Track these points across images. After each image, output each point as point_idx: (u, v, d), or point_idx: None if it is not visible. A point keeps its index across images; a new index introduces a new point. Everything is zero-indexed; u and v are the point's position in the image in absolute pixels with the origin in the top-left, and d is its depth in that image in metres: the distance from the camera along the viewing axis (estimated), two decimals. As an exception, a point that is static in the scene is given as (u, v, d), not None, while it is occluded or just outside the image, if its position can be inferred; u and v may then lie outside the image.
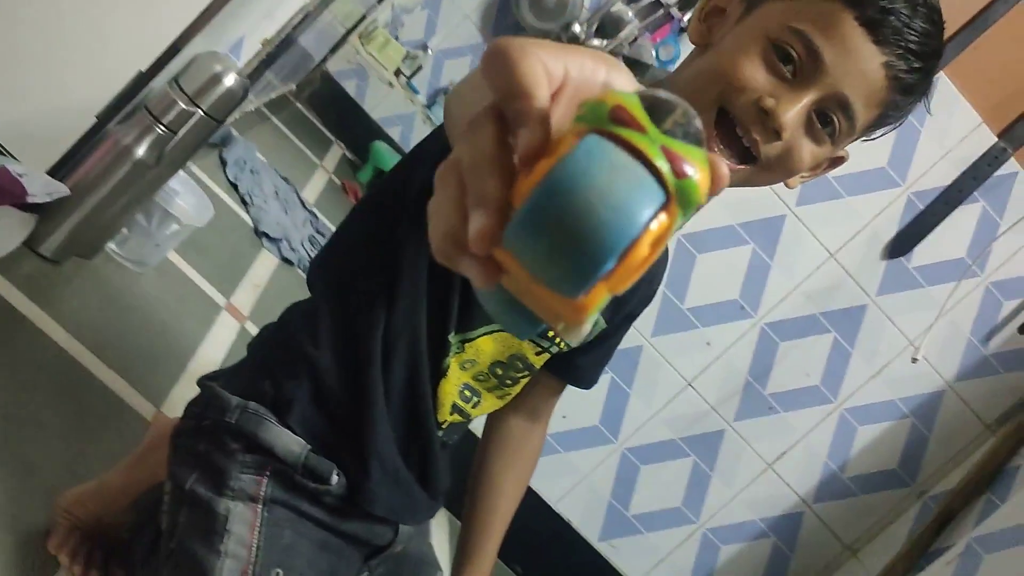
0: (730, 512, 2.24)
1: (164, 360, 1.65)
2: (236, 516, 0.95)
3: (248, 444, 0.98)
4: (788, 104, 0.86)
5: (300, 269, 2.40)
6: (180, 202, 1.69)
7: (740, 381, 2.19)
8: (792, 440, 2.20)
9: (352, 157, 3.55)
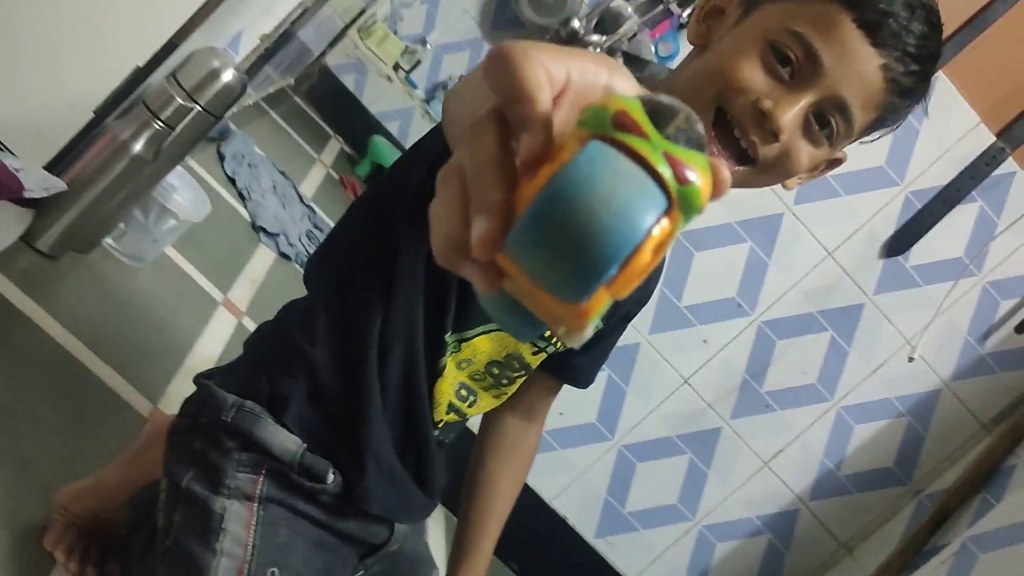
0: (726, 509, 2.24)
1: (161, 356, 1.65)
2: (232, 514, 0.95)
3: (244, 442, 0.98)
4: (786, 106, 0.86)
5: (297, 264, 2.40)
6: (177, 197, 1.69)
7: (737, 379, 2.19)
8: (788, 438, 2.20)
9: (350, 151, 3.55)
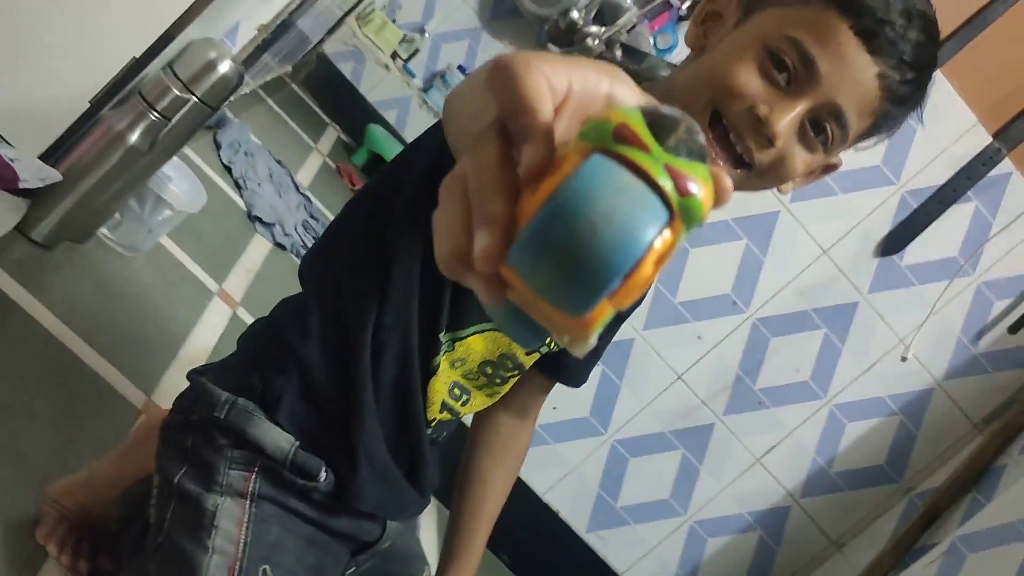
0: (717, 505, 2.25)
1: (155, 346, 1.65)
2: (224, 512, 0.95)
3: (237, 440, 0.98)
4: (782, 112, 0.86)
5: (293, 254, 2.40)
6: (173, 188, 1.68)
7: (730, 376, 2.19)
8: (781, 435, 2.21)
9: (347, 140, 3.54)
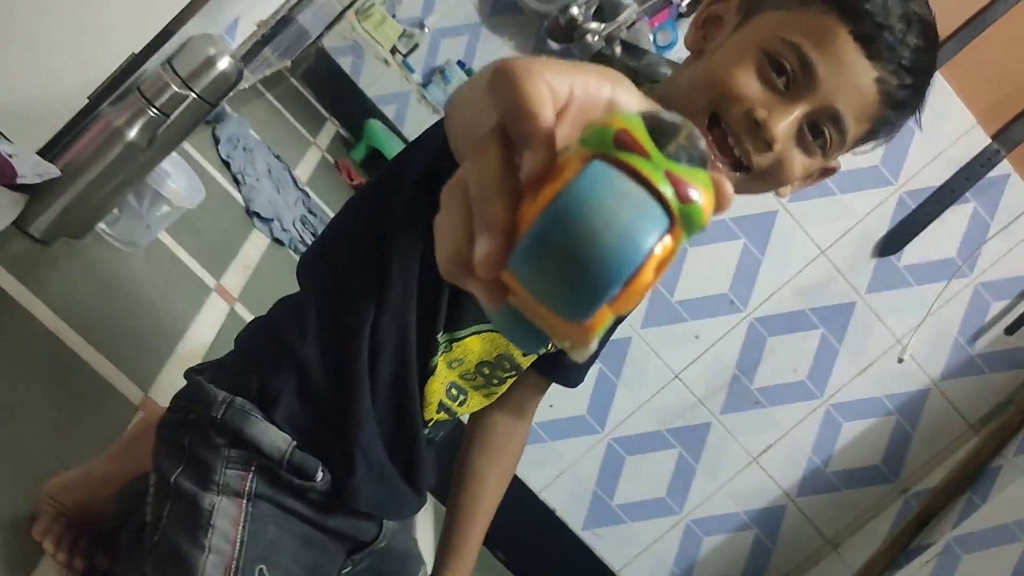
0: (714, 504, 2.26)
1: (153, 343, 1.64)
2: (221, 511, 0.95)
3: (234, 439, 0.98)
4: (780, 116, 0.86)
5: (291, 249, 2.40)
6: (172, 184, 1.68)
7: (727, 375, 2.20)
8: (777, 434, 2.22)
9: (346, 135, 3.54)
